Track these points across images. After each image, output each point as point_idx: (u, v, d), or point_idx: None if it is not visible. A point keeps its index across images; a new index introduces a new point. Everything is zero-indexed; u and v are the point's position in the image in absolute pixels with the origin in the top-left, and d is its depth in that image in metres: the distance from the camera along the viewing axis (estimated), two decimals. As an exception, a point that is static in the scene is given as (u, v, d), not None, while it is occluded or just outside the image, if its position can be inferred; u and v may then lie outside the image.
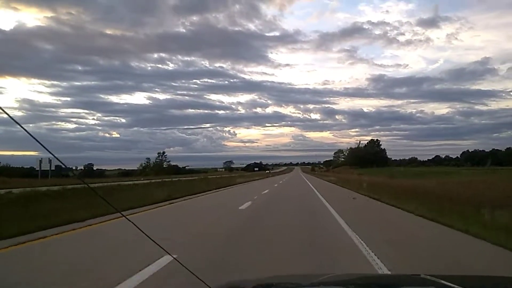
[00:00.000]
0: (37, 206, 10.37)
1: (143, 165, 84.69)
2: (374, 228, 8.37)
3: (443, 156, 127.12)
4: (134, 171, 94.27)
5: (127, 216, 1.78)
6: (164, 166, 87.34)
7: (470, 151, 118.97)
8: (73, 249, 6.35)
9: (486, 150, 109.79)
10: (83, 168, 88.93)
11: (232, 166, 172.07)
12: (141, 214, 10.91)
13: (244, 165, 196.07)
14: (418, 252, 5.90)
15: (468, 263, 5.36)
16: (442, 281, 1.39)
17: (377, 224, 9.04)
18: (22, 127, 1.29)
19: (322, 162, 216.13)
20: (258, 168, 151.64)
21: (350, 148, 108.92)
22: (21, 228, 7.23)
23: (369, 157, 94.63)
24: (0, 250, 6.03)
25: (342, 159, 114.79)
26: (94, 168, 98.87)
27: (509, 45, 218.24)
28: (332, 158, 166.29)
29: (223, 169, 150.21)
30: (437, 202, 10.89)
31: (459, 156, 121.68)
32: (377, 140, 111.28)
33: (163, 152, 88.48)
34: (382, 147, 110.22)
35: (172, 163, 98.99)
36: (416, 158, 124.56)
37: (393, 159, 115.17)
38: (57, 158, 1.62)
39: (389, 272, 4.52)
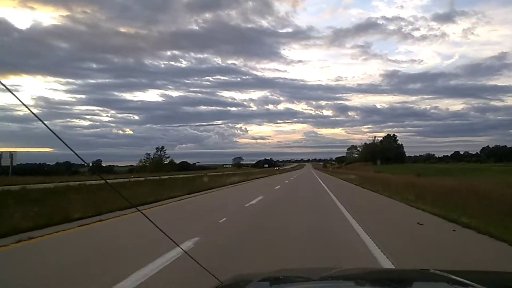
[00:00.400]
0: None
1: (143, 160, 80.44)
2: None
3: (462, 152, 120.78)
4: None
5: (142, 211, 1.94)
6: (165, 162, 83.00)
7: (490, 147, 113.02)
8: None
9: (508, 146, 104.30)
10: (90, 164, 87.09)
11: (241, 162, 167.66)
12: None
13: (255, 162, 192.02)
14: None
15: None
16: (452, 276, 1.39)
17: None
18: (43, 122, 1.46)
19: (334, 159, 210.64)
20: (268, 165, 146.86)
21: (365, 143, 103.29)
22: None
23: (385, 153, 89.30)
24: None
25: (356, 155, 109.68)
26: (104, 165, 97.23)
27: None
28: (344, 155, 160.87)
29: (231, 166, 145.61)
30: None
31: (478, 152, 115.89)
32: (393, 135, 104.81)
33: (162, 147, 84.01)
34: (399, 142, 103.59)
35: (181, 159, 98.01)
36: (434, 155, 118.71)
37: (407, 155, 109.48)
38: (76, 154, 1.69)
39: None
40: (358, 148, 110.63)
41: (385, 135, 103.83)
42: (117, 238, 6.65)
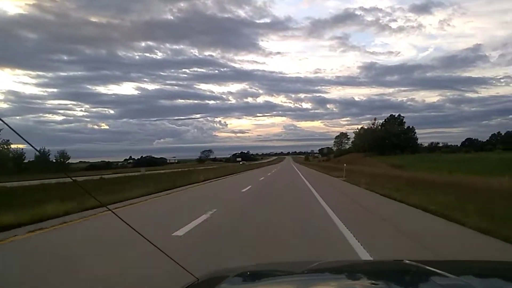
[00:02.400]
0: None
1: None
2: None
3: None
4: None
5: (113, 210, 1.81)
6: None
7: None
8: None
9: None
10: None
11: (210, 157, 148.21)
12: None
13: (229, 156, 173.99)
14: None
15: None
16: (425, 266, 1.42)
17: None
18: (2, 121, 1.28)
19: (316, 151, 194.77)
20: (241, 158, 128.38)
21: (361, 128, 77.33)
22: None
23: (390, 139, 67.91)
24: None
25: (347, 146, 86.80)
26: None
27: (499, 32, 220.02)
28: (323, 147, 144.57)
29: (196, 160, 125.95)
30: None
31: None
32: (399, 115, 77.15)
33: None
34: (406, 124, 77.54)
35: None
36: (447, 144, 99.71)
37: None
38: (36, 149, 1.66)
39: None
40: (348, 136, 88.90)
41: (388, 115, 77.17)
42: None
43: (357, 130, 76.13)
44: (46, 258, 5.06)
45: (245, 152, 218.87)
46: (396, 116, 75.67)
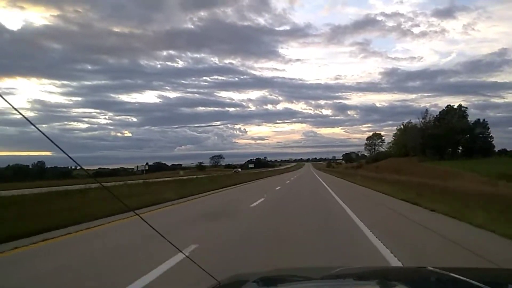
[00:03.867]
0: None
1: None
2: None
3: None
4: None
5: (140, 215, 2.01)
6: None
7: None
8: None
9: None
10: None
11: (220, 163, 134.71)
12: None
13: (244, 162, 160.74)
14: None
15: None
16: (448, 273, 1.41)
17: None
18: (35, 126, 1.36)
19: (340, 157, 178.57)
20: (253, 165, 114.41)
21: (407, 124, 56.88)
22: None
23: (453, 138, 50.29)
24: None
25: (383, 149, 67.24)
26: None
27: None
28: (351, 152, 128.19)
29: (202, 167, 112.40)
30: None
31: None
32: (459, 105, 57.91)
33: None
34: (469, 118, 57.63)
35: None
36: None
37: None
38: (70, 157, 1.62)
39: None
40: (383, 137, 70.49)
41: (445, 106, 58.30)
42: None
43: (401, 127, 56.91)
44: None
45: (262, 158, 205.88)
46: (455, 106, 55.91)
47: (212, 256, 5.20)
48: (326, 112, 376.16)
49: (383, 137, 70.06)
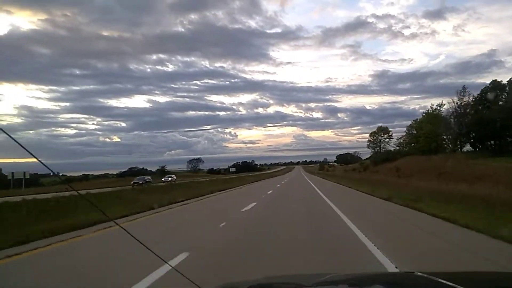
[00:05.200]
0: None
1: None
2: None
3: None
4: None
5: (121, 225, 2.05)
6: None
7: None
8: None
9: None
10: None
11: (199, 167, 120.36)
12: None
13: (228, 167, 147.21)
14: None
15: None
16: (436, 278, 1.41)
17: None
18: (4, 131, 1.35)
19: (333, 160, 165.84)
20: (235, 170, 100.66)
21: (438, 107, 41.82)
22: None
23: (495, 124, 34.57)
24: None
25: (394, 146, 53.01)
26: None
27: None
28: (345, 153, 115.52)
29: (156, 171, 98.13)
30: None
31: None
32: (500, 81, 44.32)
33: None
34: None
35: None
36: None
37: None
38: (42, 163, 1.57)
39: None
40: (390, 132, 57.01)
41: (490, 83, 44.77)
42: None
43: (430, 110, 41.48)
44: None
45: (250, 161, 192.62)
46: (495, 82, 41.24)
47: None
48: (317, 115, 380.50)
49: (390, 132, 57.57)
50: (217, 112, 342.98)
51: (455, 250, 5.83)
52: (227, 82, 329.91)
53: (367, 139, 57.78)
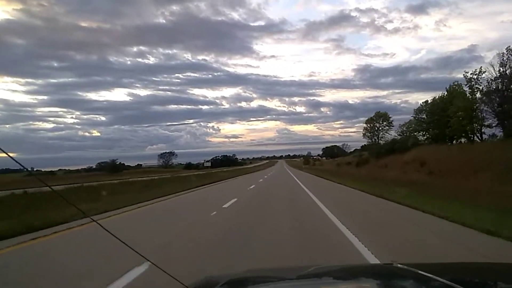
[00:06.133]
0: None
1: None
2: None
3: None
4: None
5: (98, 221, 1.80)
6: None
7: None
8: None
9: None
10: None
11: (171, 162, 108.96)
12: None
13: (204, 161, 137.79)
14: None
15: None
16: (415, 270, 1.41)
17: None
18: None
19: (314, 154, 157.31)
20: (210, 164, 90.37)
21: (471, 79, 26.27)
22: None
23: None
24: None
25: (396, 134, 42.00)
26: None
27: (492, 34, 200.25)
28: (332, 145, 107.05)
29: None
30: None
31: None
32: None
33: None
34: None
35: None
36: None
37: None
38: (10, 156, 1.45)
39: None
40: (390, 119, 47.59)
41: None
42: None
43: (456, 85, 30.40)
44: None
45: (231, 155, 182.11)
46: None
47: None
48: (300, 109, 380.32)
49: (391, 119, 47.57)
50: (200, 106, 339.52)
51: None
52: (210, 76, 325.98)
53: (363, 127, 47.83)
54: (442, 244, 5.79)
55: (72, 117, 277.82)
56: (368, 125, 47.22)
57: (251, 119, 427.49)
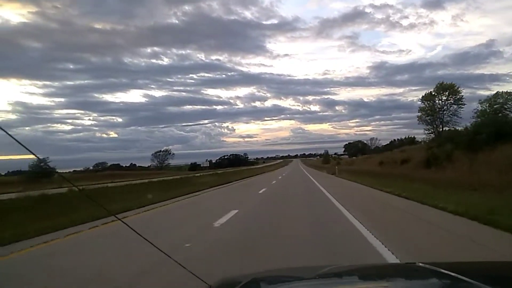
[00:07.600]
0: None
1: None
2: None
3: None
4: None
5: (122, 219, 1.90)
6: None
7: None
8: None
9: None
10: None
11: (167, 162, 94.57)
12: None
13: (206, 160, 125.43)
14: None
15: None
16: (438, 269, 1.40)
17: None
18: (2, 129, 1.33)
19: (340, 152, 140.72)
20: (208, 165, 75.84)
21: None
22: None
23: None
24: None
25: (470, 124, 25.20)
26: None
27: (510, 29, 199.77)
28: (356, 140, 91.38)
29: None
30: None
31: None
32: None
33: None
34: None
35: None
36: None
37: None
38: (39, 158, 1.57)
39: None
40: (461, 95, 30.82)
41: None
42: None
43: None
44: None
45: (242, 155, 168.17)
46: None
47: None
48: (314, 108, 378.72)
49: (461, 93, 30.29)
50: (214, 106, 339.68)
51: None
52: (224, 76, 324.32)
53: (418, 109, 31.76)
54: None
55: (89, 119, 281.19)
56: (427, 103, 30.77)
57: (266, 118, 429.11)
